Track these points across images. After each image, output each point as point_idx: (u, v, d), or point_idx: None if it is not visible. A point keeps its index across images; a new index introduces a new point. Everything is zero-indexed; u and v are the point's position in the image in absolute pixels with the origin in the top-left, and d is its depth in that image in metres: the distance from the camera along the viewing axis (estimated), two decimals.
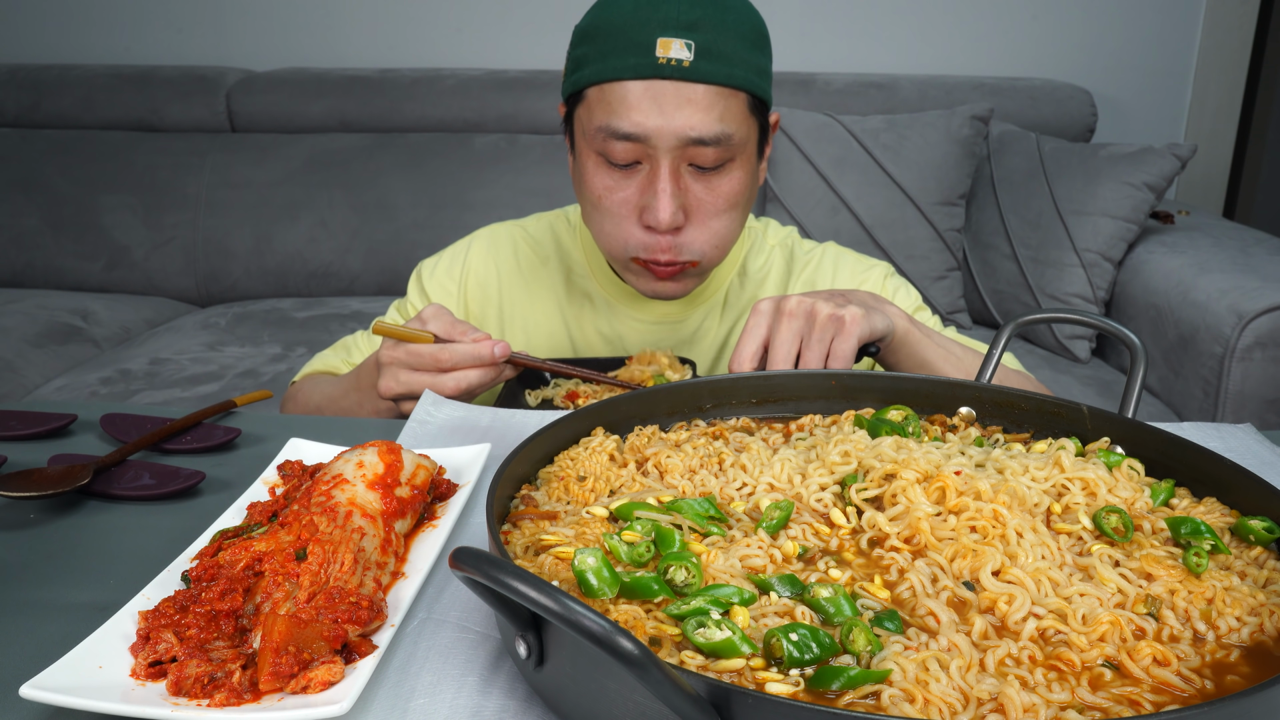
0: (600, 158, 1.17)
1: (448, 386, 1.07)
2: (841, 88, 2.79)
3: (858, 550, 0.69)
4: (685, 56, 1.10)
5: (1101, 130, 2.96)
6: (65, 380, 2.31)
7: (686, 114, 1.12)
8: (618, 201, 1.18)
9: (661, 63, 1.10)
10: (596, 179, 1.19)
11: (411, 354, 1.08)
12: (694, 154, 1.14)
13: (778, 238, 1.43)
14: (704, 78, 1.11)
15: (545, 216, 1.45)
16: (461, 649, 0.64)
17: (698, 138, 1.12)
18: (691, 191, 1.17)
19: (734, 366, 1.04)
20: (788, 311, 1.03)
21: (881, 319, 1.07)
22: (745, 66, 1.14)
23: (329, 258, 2.84)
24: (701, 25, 1.11)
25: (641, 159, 1.15)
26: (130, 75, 2.99)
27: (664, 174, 1.14)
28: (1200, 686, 0.56)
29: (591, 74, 1.15)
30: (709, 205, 1.18)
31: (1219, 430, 1.00)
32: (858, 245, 2.52)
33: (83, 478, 0.86)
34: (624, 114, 1.12)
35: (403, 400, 1.11)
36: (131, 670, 0.60)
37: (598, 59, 1.14)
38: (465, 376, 1.08)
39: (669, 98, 1.11)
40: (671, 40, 1.10)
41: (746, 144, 1.18)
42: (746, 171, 1.19)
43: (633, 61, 1.11)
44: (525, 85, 2.89)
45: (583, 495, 0.74)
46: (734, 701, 0.48)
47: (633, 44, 1.11)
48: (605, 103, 1.14)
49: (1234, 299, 2.01)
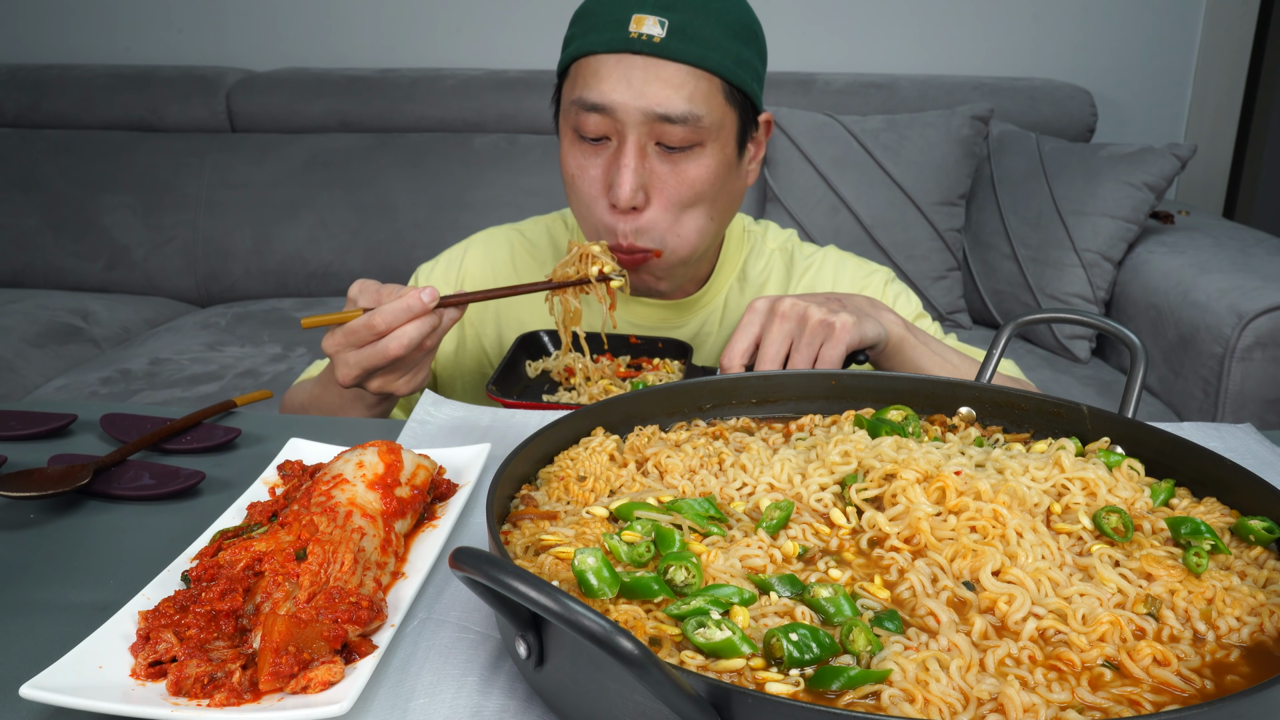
0: (574, 134, 1.19)
1: (391, 349, 1.04)
2: (841, 88, 2.79)
3: (858, 550, 0.69)
4: (657, 33, 1.12)
5: (1101, 130, 2.96)
6: (65, 380, 2.31)
7: (654, 89, 1.13)
8: (588, 180, 1.19)
9: (633, 37, 1.12)
10: (570, 157, 1.20)
11: (348, 333, 1.05)
12: (661, 131, 1.14)
13: (777, 241, 1.43)
14: (674, 55, 1.12)
15: (542, 219, 1.45)
16: (461, 649, 0.64)
17: (663, 114, 1.13)
18: (656, 172, 1.17)
19: (723, 362, 1.04)
20: (780, 313, 1.04)
21: (874, 326, 1.07)
22: (721, 52, 1.14)
23: (329, 258, 2.84)
24: (679, 5, 1.13)
25: (610, 134, 1.16)
26: (130, 75, 2.99)
27: (629, 149, 1.15)
28: (1200, 686, 0.56)
29: (573, 50, 1.17)
30: (673, 189, 1.17)
31: (1219, 430, 1.00)
32: (858, 245, 2.52)
33: (83, 478, 0.86)
34: (594, 85, 1.14)
35: (367, 384, 1.08)
36: (131, 670, 0.60)
37: (580, 36, 1.17)
38: (404, 333, 1.04)
39: (638, 72, 1.13)
40: (645, 16, 1.12)
41: (719, 131, 1.17)
42: (718, 161, 1.18)
43: (607, 36, 1.13)
44: (525, 85, 2.89)
45: (583, 495, 0.74)
46: (734, 701, 0.48)
47: (610, 20, 1.14)
48: (581, 76, 1.16)
49: (1234, 299, 2.01)
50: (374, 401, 1.16)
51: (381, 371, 1.07)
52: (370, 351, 1.04)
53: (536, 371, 1.19)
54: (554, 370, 1.19)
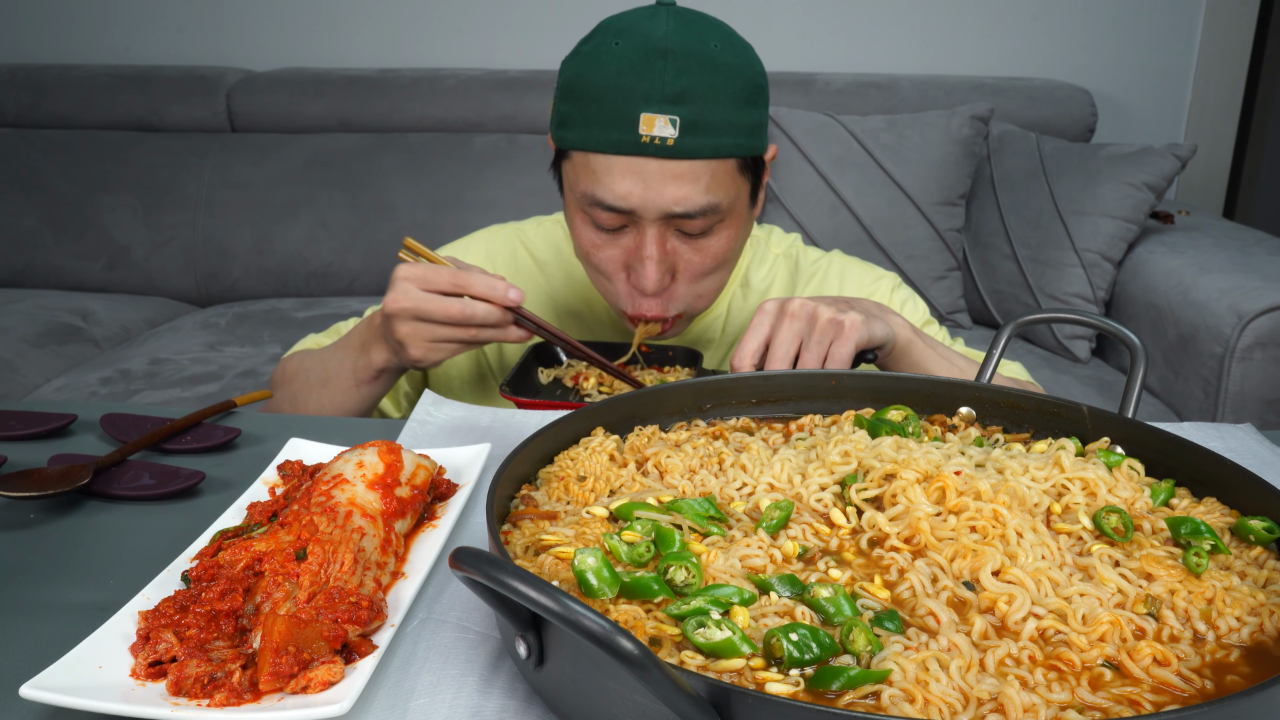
0: (586, 217, 1.16)
1: (453, 310, 1.04)
2: (841, 88, 2.79)
3: (858, 550, 0.69)
4: (670, 134, 1.07)
5: (1101, 130, 2.96)
6: (65, 380, 2.31)
7: (671, 189, 1.09)
8: (605, 259, 1.18)
9: (644, 140, 1.07)
10: (584, 235, 1.18)
11: (429, 270, 1.06)
12: (680, 222, 1.13)
13: (781, 246, 1.42)
14: (690, 154, 1.08)
15: (544, 221, 1.45)
16: (461, 649, 0.64)
17: (683, 212, 1.11)
18: (679, 254, 1.16)
19: (734, 363, 1.04)
20: (790, 313, 1.04)
21: (882, 327, 1.07)
22: (735, 132, 1.11)
23: (329, 258, 2.84)
24: (688, 96, 1.07)
25: (627, 224, 1.15)
26: (130, 75, 2.99)
27: (650, 242, 1.13)
28: (1200, 686, 0.56)
29: (574, 139, 1.13)
30: (697, 265, 1.17)
31: (1219, 430, 1.00)
32: (858, 245, 2.52)
33: (83, 478, 0.86)
34: (608, 186, 1.10)
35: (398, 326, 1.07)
36: (131, 670, 0.60)
37: (581, 125, 1.11)
38: (473, 306, 1.05)
39: (653, 174, 1.09)
40: (655, 117, 1.07)
41: (736, 204, 1.16)
42: (735, 228, 1.18)
43: (615, 136, 1.09)
44: (525, 85, 2.89)
45: (583, 495, 0.74)
46: (734, 701, 0.48)
47: (616, 117, 1.08)
48: (589, 170, 1.12)
49: (1234, 299, 2.01)
50: (367, 377, 1.15)
51: (424, 325, 1.06)
52: (435, 301, 1.05)
53: (549, 379, 1.19)
54: (565, 378, 1.20)
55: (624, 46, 1.09)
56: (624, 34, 1.10)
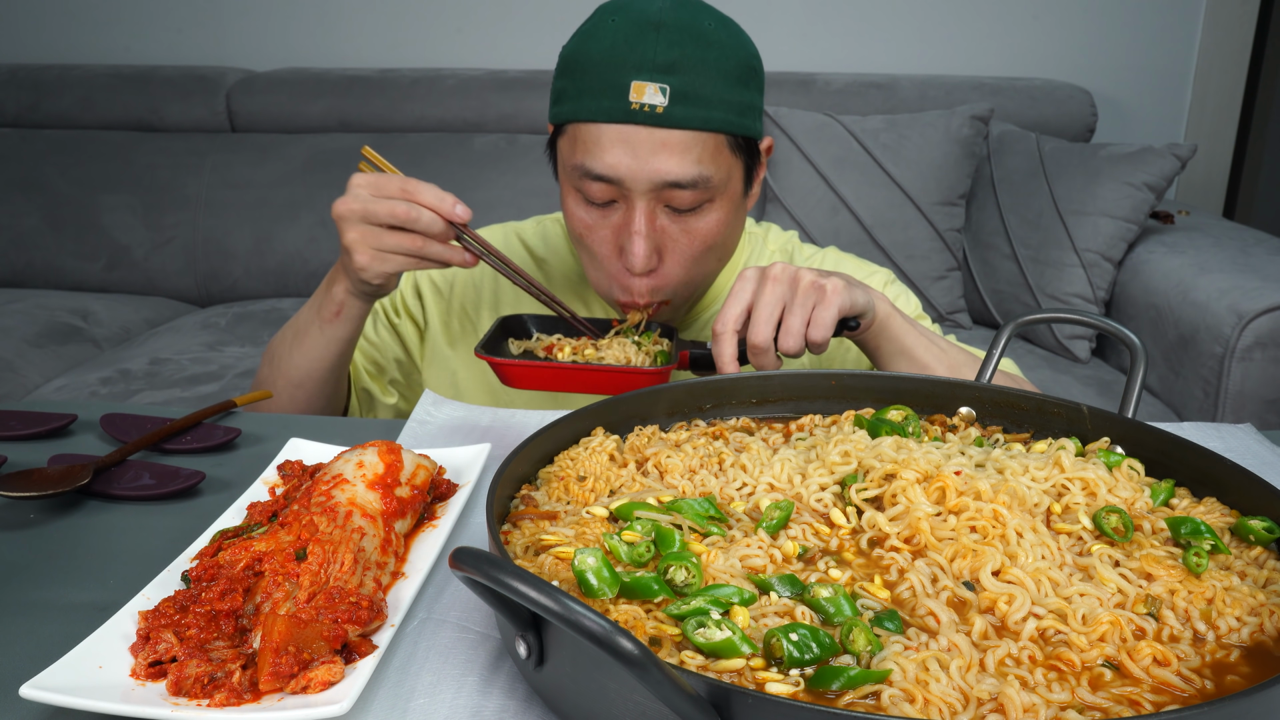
0: (578, 194, 1.17)
1: (399, 210, 1.06)
2: (841, 88, 2.79)
3: (858, 550, 0.69)
4: (659, 101, 1.08)
5: (1101, 130, 2.96)
6: (65, 380, 2.31)
7: (661, 159, 1.10)
8: (597, 240, 1.18)
9: (634, 108, 1.08)
10: (576, 214, 1.19)
11: (380, 177, 1.09)
12: (670, 196, 1.13)
13: (778, 243, 1.43)
14: (678, 123, 1.09)
15: (543, 220, 1.45)
16: (461, 649, 0.64)
17: (673, 181, 1.11)
18: (667, 232, 1.16)
19: (716, 328, 1.03)
20: (772, 277, 1.03)
21: (863, 294, 1.07)
22: (725, 107, 1.12)
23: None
24: (679, 66, 1.08)
25: (617, 198, 1.15)
26: (130, 75, 2.99)
27: (639, 216, 1.13)
28: (1200, 686, 0.56)
29: (567, 111, 1.14)
30: (685, 246, 1.17)
31: (1219, 430, 1.00)
32: (858, 245, 2.52)
33: (83, 478, 0.86)
34: (597, 155, 1.11)
35: (347, 231, 1.09)
36: (131, 670, 0.60)
37: (574, 96, 1.13)
38: (419, 211, 1.07)
39: (642, 142, 1.10)
40: (645, 84, 1.08)
41: (727, 183, 1.16)
42: (726, 210, 1.18)
43: (606, 104, 1.10)
44: (525, 85, 2.89)
45: (583, 495, 0.74)
46: (734, 701, 0.48)
47: (607, 85, 1.10)
48: (580, 142, 1.13)
49: (1234, 299, 2.01)
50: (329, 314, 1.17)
51: (370, 229, 1.08)
52: (384, 204, 1.07)
53: (520, 349, 1.18)
54: (537, 349, 1.19)
55: (619, 22, 1.11)
56: (620, 11, 1.13)
